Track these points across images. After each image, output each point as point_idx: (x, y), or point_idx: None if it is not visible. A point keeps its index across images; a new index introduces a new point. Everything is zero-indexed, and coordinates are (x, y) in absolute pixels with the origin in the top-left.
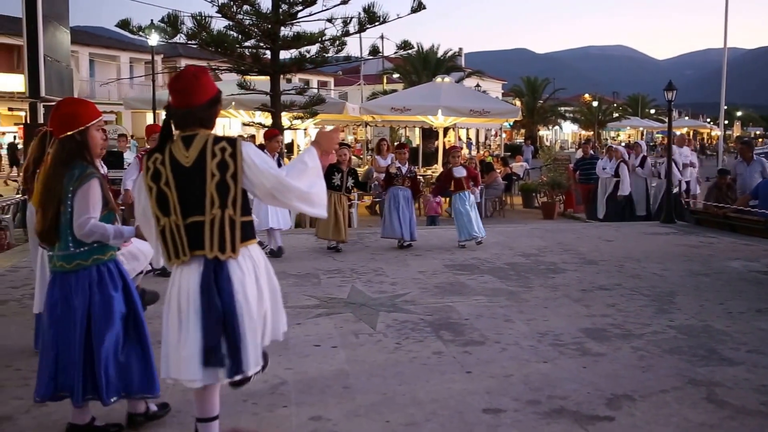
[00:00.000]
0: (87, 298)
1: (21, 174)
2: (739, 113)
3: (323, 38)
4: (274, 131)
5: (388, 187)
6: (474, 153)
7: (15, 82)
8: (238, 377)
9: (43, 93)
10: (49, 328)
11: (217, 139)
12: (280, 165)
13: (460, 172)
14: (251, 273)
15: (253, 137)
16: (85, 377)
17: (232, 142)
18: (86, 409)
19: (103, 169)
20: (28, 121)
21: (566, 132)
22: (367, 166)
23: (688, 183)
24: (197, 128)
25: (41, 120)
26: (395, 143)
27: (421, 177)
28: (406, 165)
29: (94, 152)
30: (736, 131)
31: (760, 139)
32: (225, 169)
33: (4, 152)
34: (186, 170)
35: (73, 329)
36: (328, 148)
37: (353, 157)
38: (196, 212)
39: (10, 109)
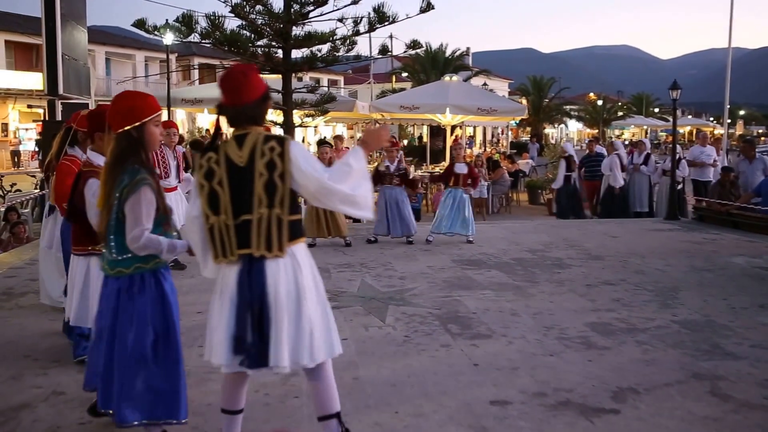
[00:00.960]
0: (115, 306)
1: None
2: (742, 112)
3: (334, 38)
4: (266, 128)
5: (378, 185)
6: (478, 151)
7: (34, 80)
8: (262, 370)
9: (61, 91)
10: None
11: (267, 138)
12: (186, 160)
13: (461, 168)
14: (289, 271)
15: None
16: (105, 388)
17: (281, 141)
18: None
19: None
20: (47, 118)
21: (571, 130)
22: (375, 163)
23: (710, 182)
24: (249, 126)
25: (59, 117)
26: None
27: (428, 173)
28: (395, 162)
29: (152, 149)
30: (739, 130)
31: (763, 138)
32: (273, 168)
33: (23, 148)
34: (240, 170)
35: (100, 335)
36: (377, 147)
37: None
38: (245, 211)
39: (29, 107)
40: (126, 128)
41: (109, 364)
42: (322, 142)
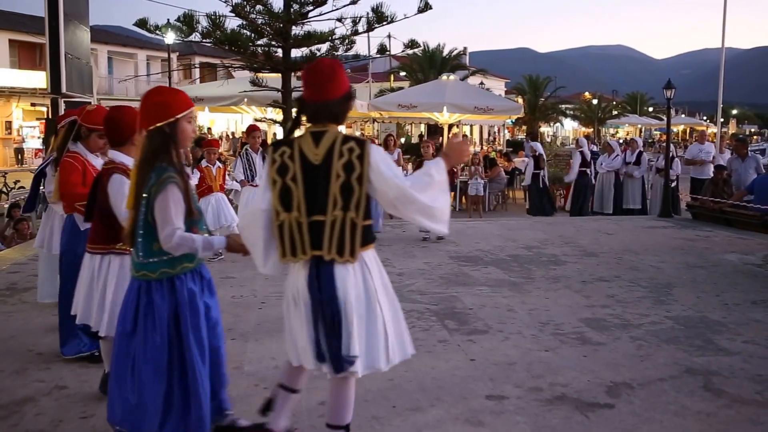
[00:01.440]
0: (135, 305)
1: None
2: (734, 111)
3: (333, 37)
4: (254, 126)
5: None
6: (475, 149)
7: (37, 79)
8: (340, 375)
9: (63, 89)
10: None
11: (346, 139)
12: (264, 159)
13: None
14: (358, 274)
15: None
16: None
17: (361, 143)
18: None
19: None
20: (50, 117)
21: (567, 129)
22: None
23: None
24: (329, 123)
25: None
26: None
27: None
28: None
29: (184, 147)
30: (732, 129)
31: (755, 137)
32: (351, 170)
33: (26, 146)
34: (315, 168)
35: (119, 339)
36: (459, 161)
37: None
38: (319, 211)
39: (32, 105)
40: (158, 125)
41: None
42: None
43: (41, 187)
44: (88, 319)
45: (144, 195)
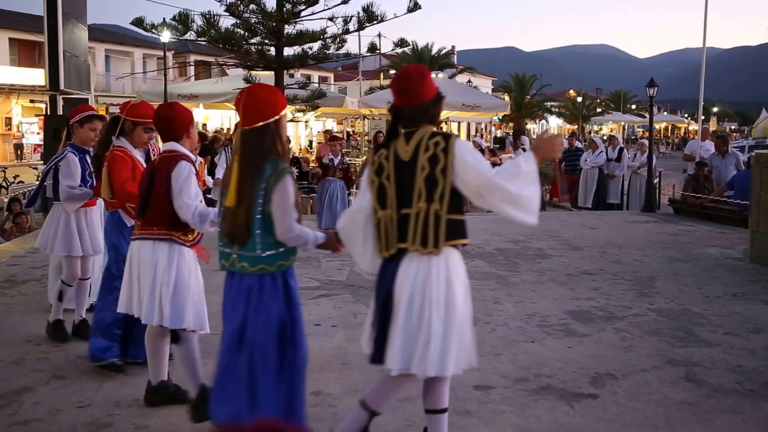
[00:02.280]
0: (245, 305)
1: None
2: (715, 109)
3: (325, 36)
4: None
5: (323, 179)
6: None
7: (36, 76)
8: (380, 367)
9: (62, 86)
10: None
11: (433, 134)
12: None
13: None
14: (420, 277)
15: None
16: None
17: (447, 137)
18: None
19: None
20: (48, 113)
21: (552, 126)
22: (365, 157)
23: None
24: (426, 125)
25: (60, 111)
26: (330, 136)
27: None
28: (339, 156)
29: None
30: (713, 126)
31: (735, 134)
32: (435, 163)
33: (25, 141)
34: (404, 164)
35: (232, 335)
36: (550, 156)
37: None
38: (406, 205)
39: (31, 101)
40: (267, 122)
41: (240, 368)
42: (333, 138)
43: (47, 181)
44: (153, 319)
45: (263, 186)
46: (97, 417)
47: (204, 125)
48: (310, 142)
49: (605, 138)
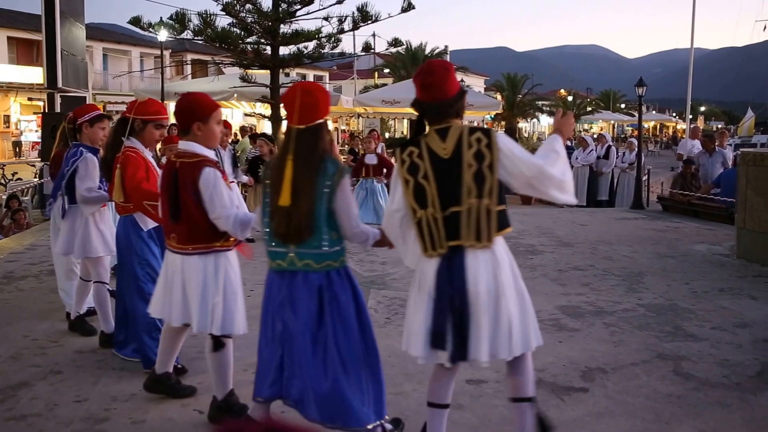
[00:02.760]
0: (317, 302)
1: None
2: (702, 108)
3: (320, 35)
4: (224, 122)
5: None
6: None
7: (34, 74)
8: (459, 363)
9: (60, 84)
10: (272, 328)
11: (472, 130)
12: (235, 158)
13: (371, 159)
14: (489, 267)
15: (252, 127)
16: (317, 392)
17: (488, 132)
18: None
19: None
20: (46, 111)
21: (543, 125)
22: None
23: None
24: (451, 119)
25: (58, 109)
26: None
27: None
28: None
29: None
30: (700, 125)
31: (726, 132)
32: (482, 159)
33: (24, 139)
34: (445, 162)
35: (302, 335)
36: (569, 133)
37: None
38: (454, 203)
39: (29, 99)
40: (322, 120)
41: (318, 367)
42: (258, 136)
43: (44, 178)
44: (207, 327)
45: (327, 183)
46: (94, 411)
47: None
48: None
49: (595, 136)
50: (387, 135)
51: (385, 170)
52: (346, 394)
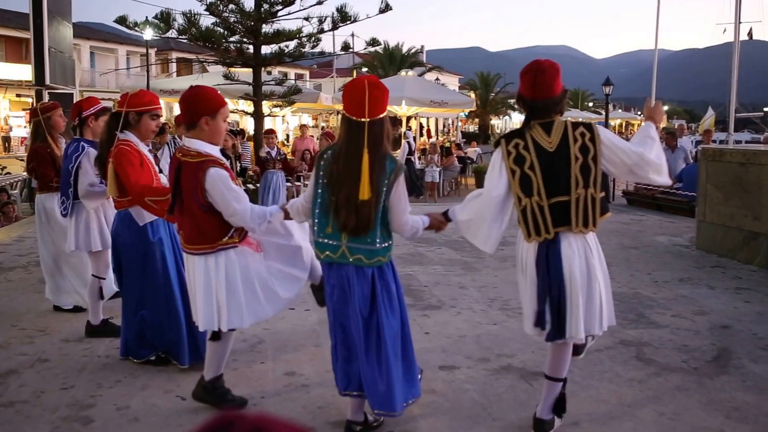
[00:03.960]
0: (370, 293)
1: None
2: (666, 107)
3: (300, 35)
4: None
5: (263, 172)
6: (432, 140)
7: (22, 72)
8: (559, 341)
9: (47, 81)
10: (332, 321)
11: (575, 125)
12: (223, 154)
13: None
14: (581, 253)
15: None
16: (375, 381)
17: (590, 127)
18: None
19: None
20: (34, 107)
21: (515, 121)
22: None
23: None
24: (554, 116)
25: None
26: (264, 130)
27: None
28: (275, 149)
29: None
30: (663, 123)
31: (687, 130)
32: (586, 152)
33: (13, 134)
34: (550, 155)
35: (356, 325)
36: (660, 120)
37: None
38: (560, 193)
39: (18, 96)
40: (384, 115)
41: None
42: (268, 132)
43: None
44: (213, 325)
45: (386, 181)
46: (80, 398)
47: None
48: (287, 135)
49: None
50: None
51: None
52: (394, 381)
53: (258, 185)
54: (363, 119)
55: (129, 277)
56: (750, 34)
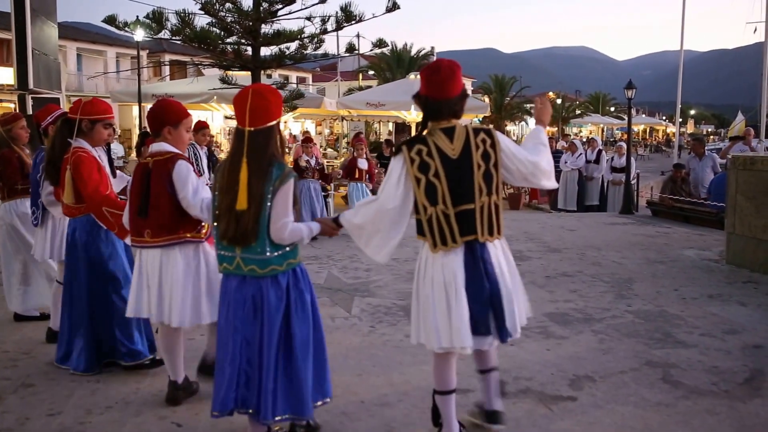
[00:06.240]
0: (283, 303)
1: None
2: (692, 112)
3: (302, 36)
4: (203, 123)
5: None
6: None
7: (4, 75)
8: (507, 341)
9: (31, 85)
10: (232, 335)
11: (476, 131)
12: (210, 158)
13: (362, 164)
14: (499, 251)
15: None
16: (278, 394)
17: (490, 133)
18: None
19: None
20: (17, 112)
21: (531, 128)
22: (343, 158)
23: None
24: (451, 119)
25: (30, 111)
26: (302, 138)
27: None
28: (314, 158)
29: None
30: (690, 128)
31: (712, 136)
32: (488, 159)
33: None
34: (454, 162)
35: (266, 341)
36: (548, 119)
37: (330, 149)
38: (465, 201)
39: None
40: (273, 122)
41: (282, 367)
42: (306, 140)
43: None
44: (162, 316)
45: (270, 188)
46: (68, 425)
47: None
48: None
49: (585, 140)
50: (372, 138)
51: (368, 175)
52: (303, 387)
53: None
54: (244, 128)
55: (90, 282)
56: None
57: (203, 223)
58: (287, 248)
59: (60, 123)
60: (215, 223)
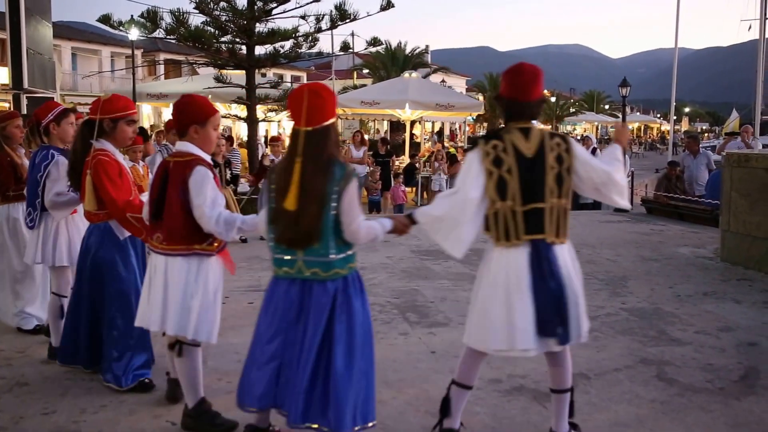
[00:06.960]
0: (328, 307)
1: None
2: (687, 109)
3: (296, 34)
4: (170, 123)
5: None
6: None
7: None
8: (569, 344)
9: (26, 84)
10: (275, 337)
11: (552, 135)
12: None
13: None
14: (566, 254)
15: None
16: (312, 400)
17: (565, 138)
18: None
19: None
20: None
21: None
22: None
23: None
24: (529, 121)
25: (24, 111)
26: (270, 137)
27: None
28: (280, 156)
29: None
30: (684, 126)
31: (706, 134)
32: (561, 162)
33: None
34: (528, 160)
35: (308, 342)
36: (627, 143)
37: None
38: (535, 199)
39: None
40: (330, 121)
41: (319, 376)
42: (274, 138)
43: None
44: (185, 330)
45: (335, 189)
46: (62, 424)
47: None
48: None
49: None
50: (367, 137)
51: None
52: (342, 399)
53: (255, 195)
54: (300, 128)
55: (99, 288)
56: None
57: (215, 237)
58: (349, 251)
59: (81, 125)
60: (272, 225)
